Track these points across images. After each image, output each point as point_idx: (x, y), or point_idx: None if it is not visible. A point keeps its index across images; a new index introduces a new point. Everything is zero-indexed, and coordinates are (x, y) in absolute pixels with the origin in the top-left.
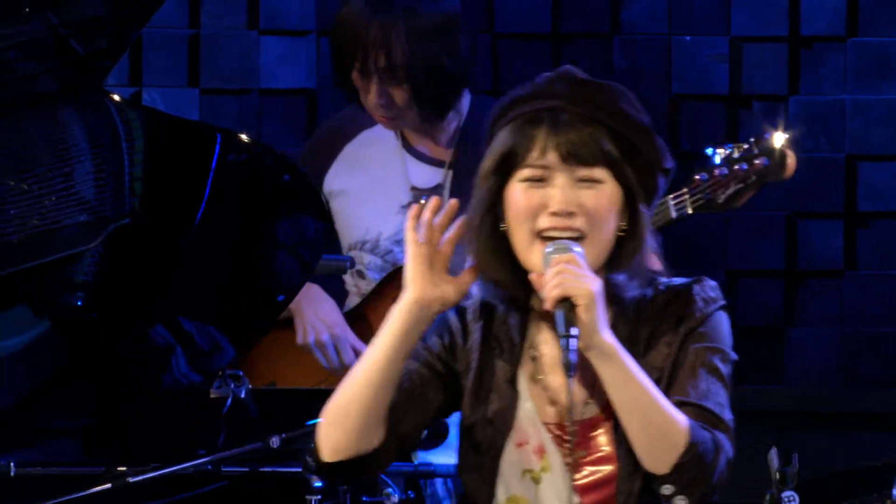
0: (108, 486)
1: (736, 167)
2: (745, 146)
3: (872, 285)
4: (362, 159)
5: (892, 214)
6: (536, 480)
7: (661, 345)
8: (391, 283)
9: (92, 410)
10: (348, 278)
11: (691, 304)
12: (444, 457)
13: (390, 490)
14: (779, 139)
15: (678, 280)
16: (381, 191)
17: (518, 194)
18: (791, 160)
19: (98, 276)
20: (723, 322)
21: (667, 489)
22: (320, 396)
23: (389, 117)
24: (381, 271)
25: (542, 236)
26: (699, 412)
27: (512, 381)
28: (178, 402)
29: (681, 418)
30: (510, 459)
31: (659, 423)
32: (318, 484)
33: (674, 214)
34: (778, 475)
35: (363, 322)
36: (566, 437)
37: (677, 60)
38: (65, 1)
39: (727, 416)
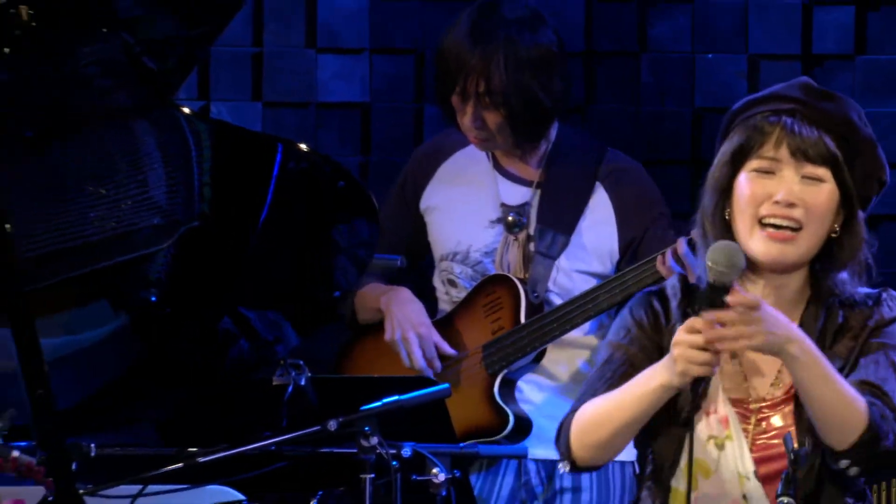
0: (180, 465)
1: None
2: None
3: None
4: (457, 177)
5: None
6: (720, 447)
7: (846, 338)
8: (480, 291)
9: (165, 397)
10: (440, 286)
11: (880, 306)
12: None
13: (437, 469)
14: None
15: (867, 289)
16: (472, 207)
17: (746, 183)
18: None
19: (170, 274)
20: None
21: (843, 463)
22: (372, 384)
23: (482, 139)
24: (471, 280)
25: (762, 223)
26: (877, 392)
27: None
28: (244, 388)
29: (861, 404)
30: (699, 425)
31: (841, 411)
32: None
33: None
34: (791, 456)
35: (452, 328)
36: (749, 413)
37: (700, 76)
38: (139, 23)
39: None
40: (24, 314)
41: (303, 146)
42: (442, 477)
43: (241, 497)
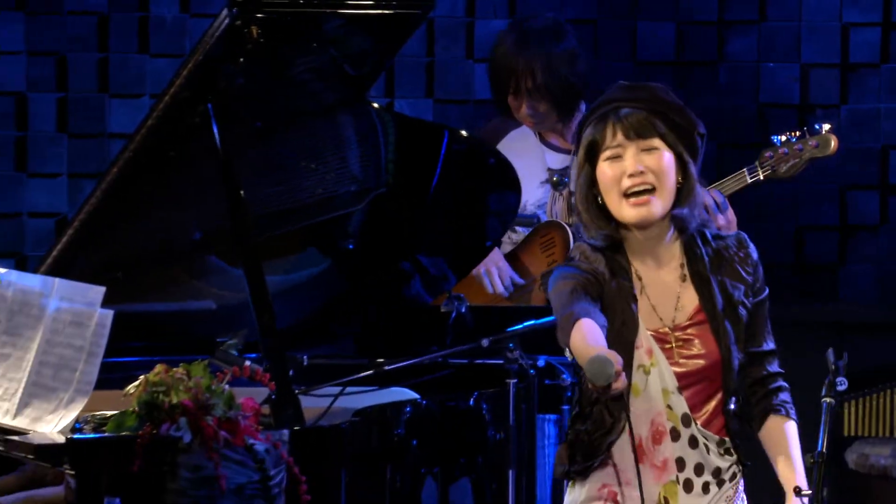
0: (371, 372)
1: (794, 147)
2: (800, 133)
3: None
4: (512, 150)
5: None
6: (647, 372)
7: (732, 267)
8: (536, 234)
9: (359, 319)
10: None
11: (748, 247)
12: None
13: (564, 375)
14: (826, 128)
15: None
16: (526, 172)
17: (604, 170)
18: (834, 142)
19: (363, 228)
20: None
21: None
22: (514, 311)
23: (536, 122)
24: (527, 227)
25: (626, 195)
26: (775, 356)
27: (633, 299)
28: (419, 313)
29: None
30: (634, 358)
31: None
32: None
33: (749, 181)
34: (833, 367)
35: (518, 262)
36: (668, 339)
37: (764, 80)
38: (341, 40)
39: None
40: (254, 259)
41: (463, 132)
42: (567, 381)
43: (416, 396)
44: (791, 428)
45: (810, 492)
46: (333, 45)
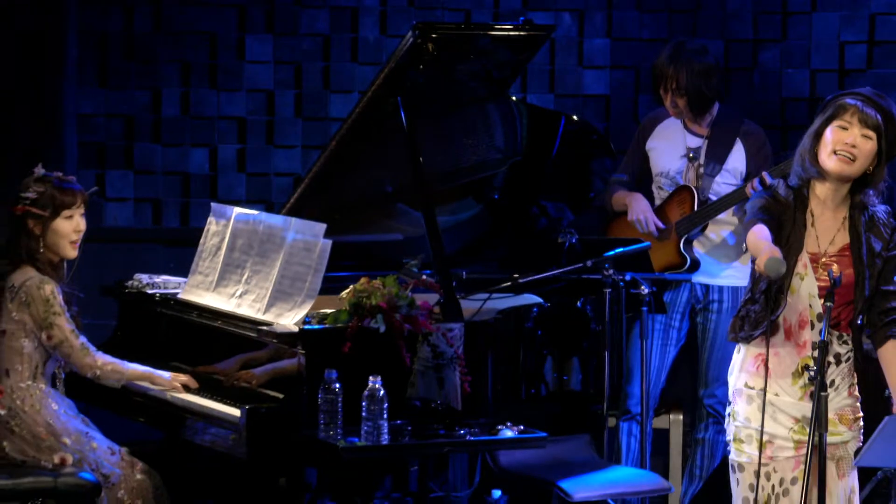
0: (509, 283)
1: None
2: None
3: None
4: (663, 133)
5: None
6: (801, 279)
7: (880, 229)
8: (675, 193)
9: (502, 247)
10: (655, 190)
11: (890, 218)
12: None
13: (644, 286)
14: None
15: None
16: (672, 148)
17: (831, 131)
18: None
19: (505, 183)
20: None
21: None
22: (610, 242)
23: (675, 113)
24: (672, 187)
25: (836, 152)
26: None
27: (803, 227)
28: (544, 242)
29: None
30: (794, 267)
31: None
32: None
33: None
34: None
35: (662, 212)
36: (818, 259)
37: (785, 83)
38: (490, 52)
39: None
40: (429, 205)
41: (574, 117)
42: (646, 290)
43: (540, 300)
44: None
45: None
46: (484, 57)
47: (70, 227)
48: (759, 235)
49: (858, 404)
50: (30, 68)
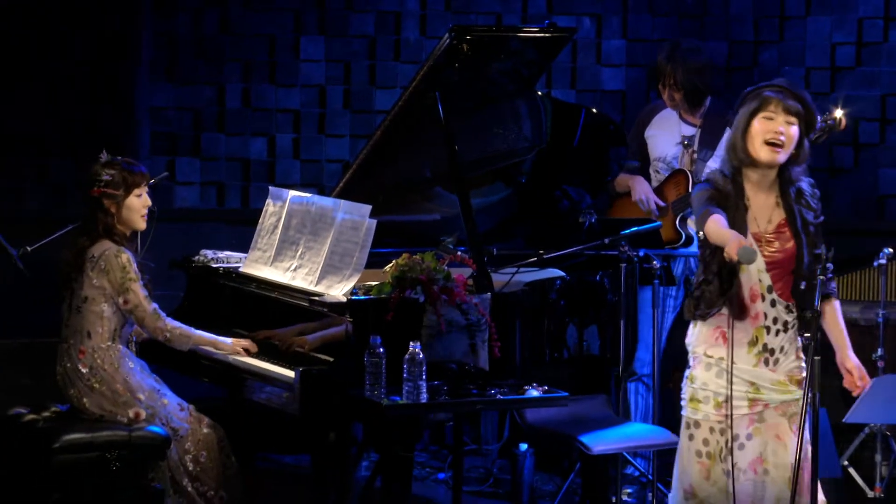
0: (534, 259)
1: (819, 125)
2: (824, 115)
3: None
4: (660, 122)
5: None
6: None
7: (808, 202)
8: (671, 176)
9: (528, 225)
10: (653, 174)
11: (815, 190)
12: None
13: (655, 261)
14: (838, 112)
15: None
16: (668, 136)
17: (759, 124)
18: (844, 121)
19: (531, 169)
20: None
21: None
22: (626, 222)
23: (673, 105)
24: (668, 170)
25: (766, 142)
26: (828, 258)
27: (745, 210)
28: (565, 220)
29: None
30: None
31: None
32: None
33: None
34: (824, 256)
35: (660, 192)
36: (760, 238)
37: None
38: (518, 52)
39: None
40: (464, 188)
41: (594, 110)
42: (657, 265)
43: (563, 274)
44: (838, 306)
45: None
46: (513, 56)
47: (140, 203)
48: (720, 224)
49: (804, 365)
50: (109, 66)
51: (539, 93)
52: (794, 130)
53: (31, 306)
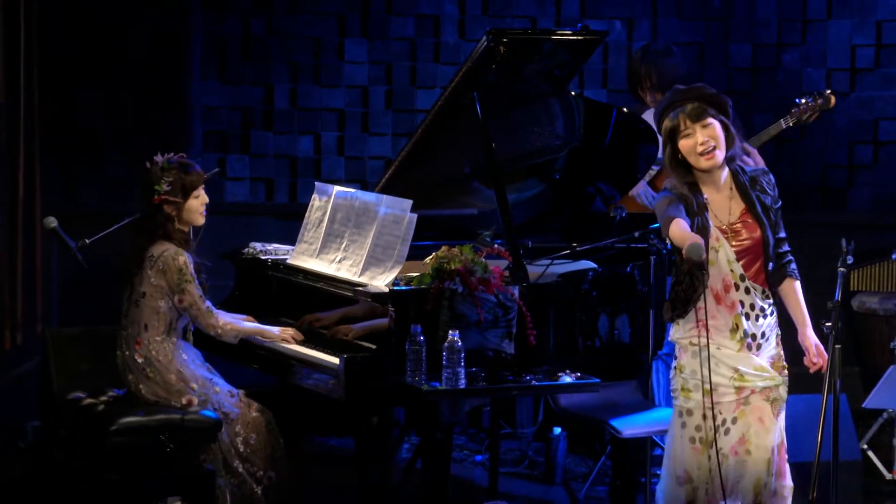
0: (568, 251)
1: (810, 104)
2: (814, 94)
3: None
4: (648, 120)
5: None
6: (717, 251)
7: (763, 188)
8: (661, 171)
9: (561, 220)
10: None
11: (769, 176)
12: None
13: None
14: (828, 91)
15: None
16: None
17: (684, 143)
18: (833, 99)
19: (564, 165)
20: None
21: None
22: (654, 216)
23: (654, 106)
24: (658, 166)
25: (700, 154)
26: (786, 240)
27: (705, 209)
28: (597, 215)
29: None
30: (708, 244)
31: None
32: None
33: (783, 126)
34: (845, 249)
35: (653, 187)
36: (727, 230)
37: (805, 80)
38: (552, 54)
39: None
40: (500, 184)
41: (625, 109)
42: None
43: (595, 266)
44: (799, 286)
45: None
46: (548, 58)
47: (199, 203)
48: (682, 227)
49: (783, 353)
50: (162, 66)
51: (572, 93)
52: (713, 127)
53: (90, 297)
